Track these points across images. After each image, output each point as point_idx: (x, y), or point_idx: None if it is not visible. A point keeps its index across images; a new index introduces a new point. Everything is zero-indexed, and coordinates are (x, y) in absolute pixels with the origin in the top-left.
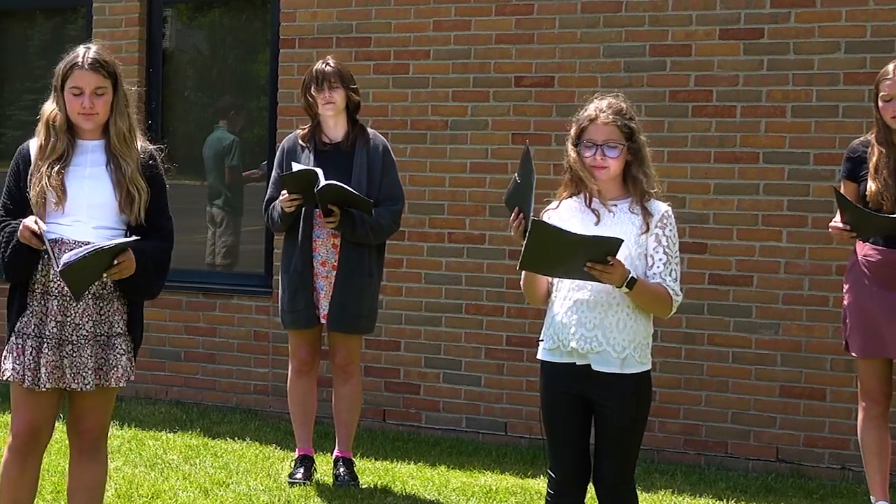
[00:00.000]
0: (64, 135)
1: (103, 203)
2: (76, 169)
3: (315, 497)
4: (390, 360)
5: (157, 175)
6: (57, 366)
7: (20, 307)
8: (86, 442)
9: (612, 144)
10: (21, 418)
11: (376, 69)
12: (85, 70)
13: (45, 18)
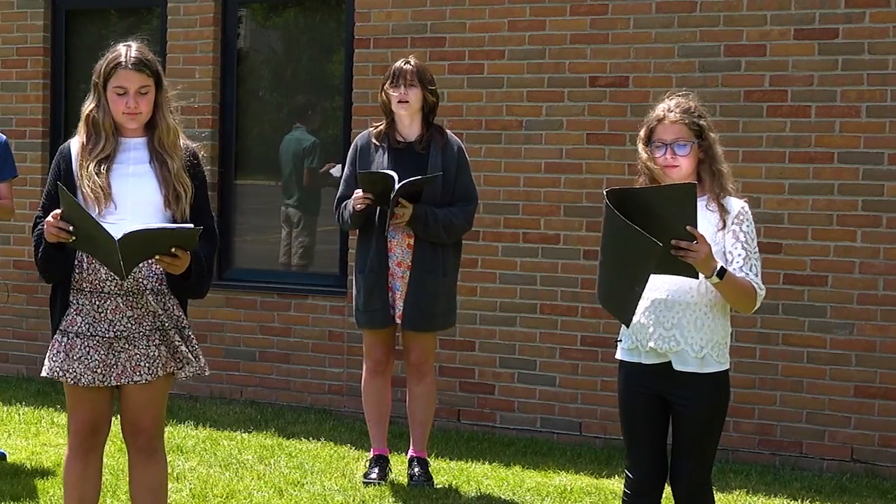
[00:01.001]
0: (109, 134)
1: (149, 201)
2: (120, 167)
3: (390, 497)
4: (465, 359)
5: (200, 173)
6: (112, 363)
7: (63, 306)
8: (143, 441)
9: (681, 143)
10: (79, 416)
11: (451, 69)
12: (129, 70)
13: (119, 18)
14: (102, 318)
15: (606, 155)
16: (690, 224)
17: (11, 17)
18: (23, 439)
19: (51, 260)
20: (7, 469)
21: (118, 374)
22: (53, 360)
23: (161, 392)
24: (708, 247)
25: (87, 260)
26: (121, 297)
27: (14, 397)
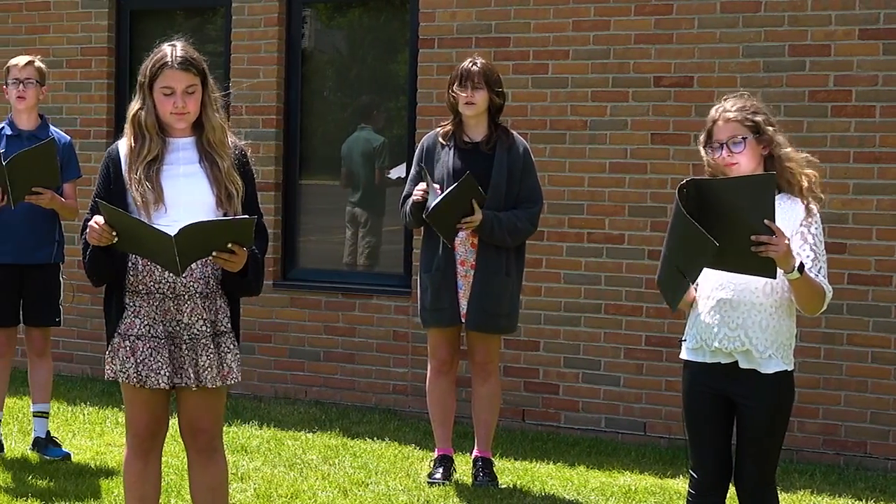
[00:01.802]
0: (156, 135)
1: (201, 201)
2: (169, 168)
3: (454, 497)
4: (529, 359)
5: (249, 171)
6: (169, 364)
7: (119, 309)
8: (201, 443)
9: (736, 140)
10: (138, 418)
11: (515, 69)
12: (175, 69)
13: (184, 18)
14: (159, 319)
15: (671, 155)
16: (769, 217)
17: (76, 17)
18: (87, 439)
19: (97, 262)
20: (71, 469)
21: (172, 376)
22: (116, 363)
23: (218, 394)
24: (787, 240)
25: (142, 262)
26: (173, 300)
27: (78, 397)
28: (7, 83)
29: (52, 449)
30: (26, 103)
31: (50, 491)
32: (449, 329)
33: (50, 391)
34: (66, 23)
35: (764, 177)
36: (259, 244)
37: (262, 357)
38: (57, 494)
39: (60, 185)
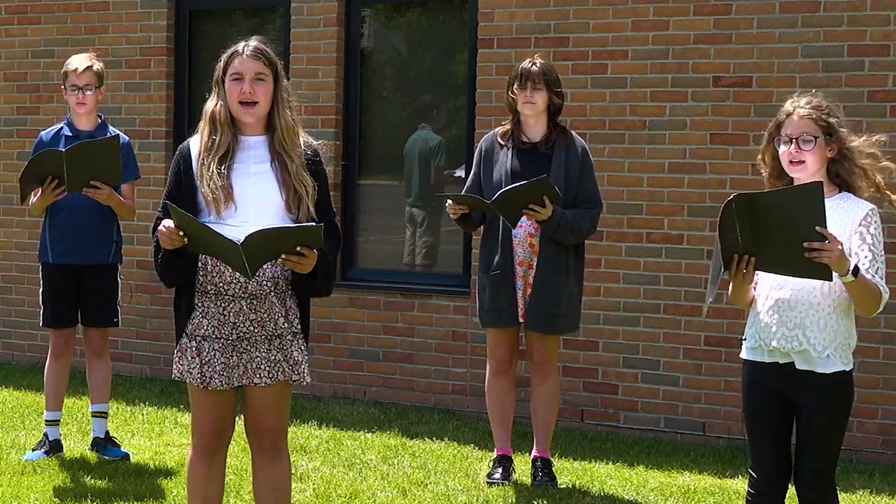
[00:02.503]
0: (228, 129)
1: (270, 201)
2: (240, 167)
3: (513, 497)
4: (588, 359)
5: (322, 171)
6: (235, 365)
7: (188, 309)
8: (267, 442)
9: (807, 138)
10: (203, 418)
11: (574, 69)
12: (245, 56)
13: (243, 18)
14: (226, 320)
15: (730, 155)
16: (819, 224)
17: (135, 17)
18: (146, 439)
19: (169, 264)
20: (130, 469)
21: (240, 376)
22: (182, 363)
23: (283, 394)
24: (840, 245)
25: (212, 262)
26: (244, 300)
27: (138, 397)
28: (65, 87)
29: (111, 449)
30: (86, 108)
31: (109, 491)
32: (507, 329)
33: (108, 391)
34: (124, 23)
35: (810, 185)
36: (330, 244)
37: (321, 357)
38: (116, 495)
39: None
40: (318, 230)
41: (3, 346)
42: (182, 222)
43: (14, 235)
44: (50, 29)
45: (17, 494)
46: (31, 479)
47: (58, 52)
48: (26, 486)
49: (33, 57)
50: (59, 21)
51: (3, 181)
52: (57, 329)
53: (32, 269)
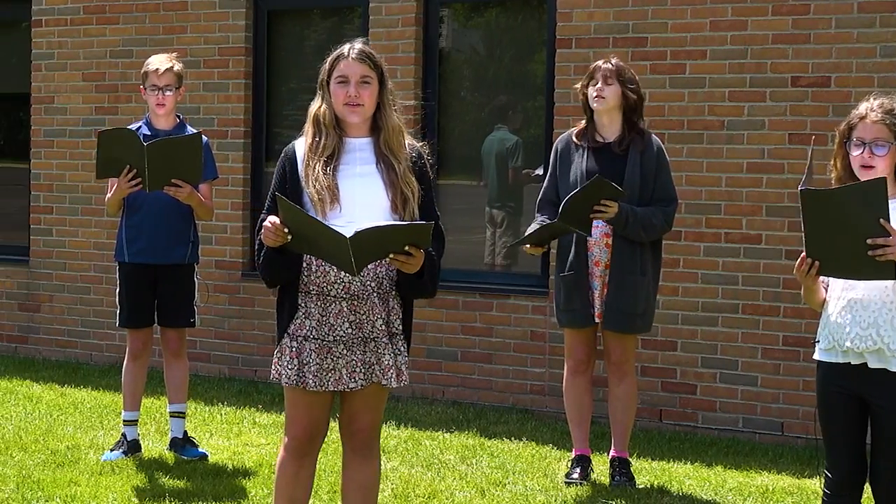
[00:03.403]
0: (333, 130)
1: (376, 203)
2: (346, 168)
3: (591, 497)
4: (666, 359)
5: (426, 173)
6: (331, 368)
7: (291, 309)
8: (359, 441)
9: (880, 143)
10: (297, 420)
11: (653, 69)
12: (350, 59)
13: (321, 18)
14: (326, 321)
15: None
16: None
17: (213, 17)
18: (224, 439)
19: (271, 262)
20: (209, 469)
21: (336, 381)
22: (281, 364)
23: (378, 394)
24: None
25: (316, 262)
26: (345, 301)
27: (216, 397)
28: (145, 87)
29: (189, 449)
30: (166, 109)
31: (187, 491)
32: (584, 329)
33: (186, 391)
34: (203, 23)
35: (874, 181)
36: (436, 245)
37: None
38: (194, 495)
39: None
40: (427, 228)
41: (82, 347)
42: (290, 216)
43: (92, 235)
44: (128, 29)
45: (95, 494)
46: (109, 479)
47: (136, 52)
48: (104, 487)
49: (111, 57)
50: (138, 21)
51: (82, 181)
52: (134, 329)
53: (110, 269)
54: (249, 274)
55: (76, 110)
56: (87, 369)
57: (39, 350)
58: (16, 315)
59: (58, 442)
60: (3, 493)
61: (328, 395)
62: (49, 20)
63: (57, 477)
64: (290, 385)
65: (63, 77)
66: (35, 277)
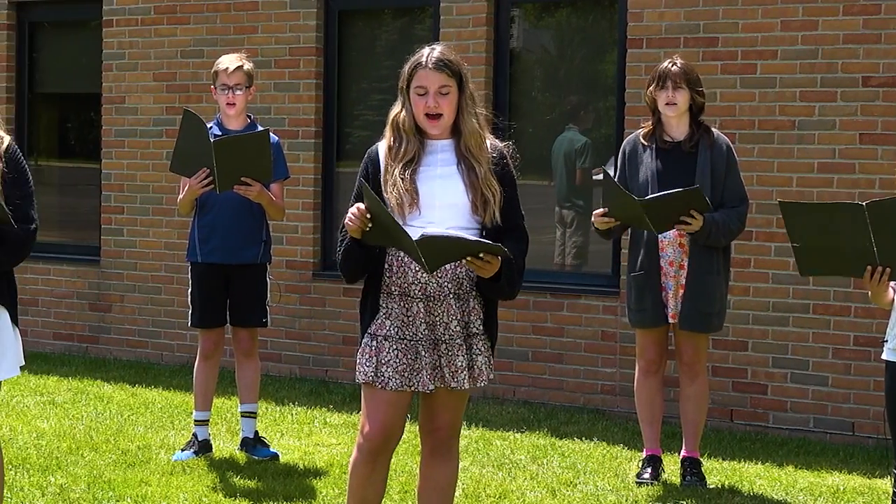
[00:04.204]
0: (413, 136)
1: (456, 203)
2: (426, 169)
3: (662, 497)
4: (738, 359)
5: (509, 173)
6: (417, 368)
7: (373, 309)
8: (438, 441)
9: None
10: (374, 420)
11: (723, 69)
12: (428, 69)
13: (392, 18)
14: (410, 321)
15: (879, 155)
16: None
17: (284, 17)
18: (295, 439)
19: (350, 254)
20: (280, 469)
21: (415, 381)
22: (361, 363)
23: (459, 395)
24: None
25: (397, 263)
26: (422, 302)
27: (287, 397)
28: (216, 87)
29: (260, 449)
30: (236, 109)
31: (258, 491)
32: (656, 329)
33: (258, 391)
34: (274, 23)
35: None
36: (518, 247)
37: None
38: (265, 495)
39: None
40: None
41: (153, 347)
42: (373, 207)
43: (163, 235)
44: (199, 29)
45: (166, 494)
46: (180, 478)
47: (207, 52)
48: (175, 486)
49: (182, 57)
50: (209, 21)
51: (153, 181)
52: (206, 329)
53: (181, 270)
54: (320, 274)
55: (147, 110)
56: (158, 369)
57: (110, 350)
58: (87, 315)
59: (129, 442)
60: (75, 492)
61: (406, 396)
62: (120, 20)
63: (128, 477)
64: (367, 382)
65: (134, 77)
66: (106, 277)
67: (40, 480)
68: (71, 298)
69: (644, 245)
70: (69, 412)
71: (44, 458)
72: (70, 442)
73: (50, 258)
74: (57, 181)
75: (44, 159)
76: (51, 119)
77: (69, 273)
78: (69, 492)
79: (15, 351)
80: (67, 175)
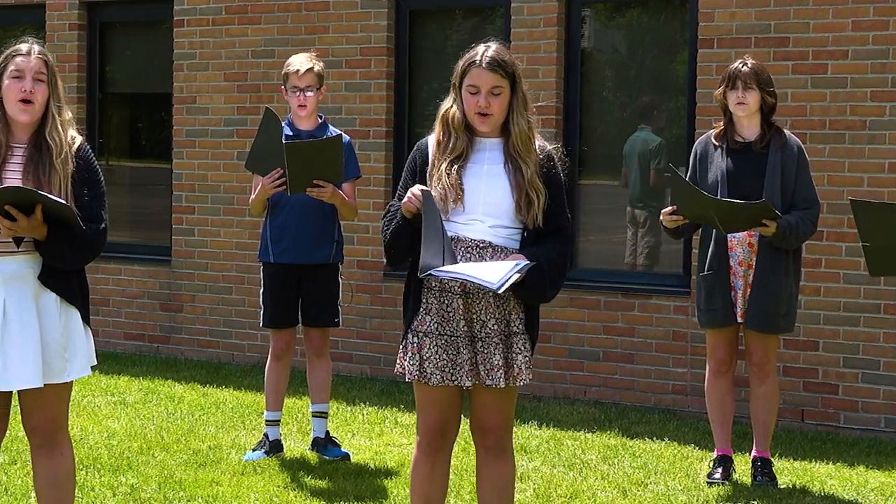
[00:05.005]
0: (462, 133)
1: (500, 202)
2: (474, 167)
3: (733, 497)
4: (808, 359)
5: (556, 176)
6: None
7: (415, 305)
8: (490, 441)
9: None
10: (427, 417)
11: (794, 69)
12: (482, 69)
13: (463, 18)
14: (449, 317)
15: None
16: None
17: (355, 17)
18: (366, 439)
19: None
20: (351, 469)
21: (466, 374)
22: (405, 359)
23: (509, 393)
24: None
25: None
26: (461, 298)
27: (358, 397)
28: (286, 88)
29: (331, 449)
30: (307, 110)
31: (329, 491)
32: (726, 329)
33: (329, 391)
34: (344, 23)
35: None
36: (559, 249)
37: (541, 357)
38: (336, 494)
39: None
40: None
41: (224, 347)
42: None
43: (234, 235)
44: (270, 29)
45: (237, 494)
46: (251, 479)
47: (277, 52)
48: (246, 486)
49: (253, 57)
50: (280, 21)
51: (224, 181)
52: (278, 329)
53: (252, 270)
54: (391, 274)
55: (218, 110)
56: (229, 369)
57: (181, 350)
58: (158, 315)
59: (200, 442)
60: (146, 492)
61: (455, 390)
62: (191, 20)
63: (199, 477)
64: (414, 380)
65: (205, 77)
66: (177, 277)
67: (111, 480)
68: (142, 298)
69: (713, 245)
70: (140, 412)
71: (115, 458)
72: (141, 442)
73: (121, 258)
74: (128, 181)
75: (115, 159)
76: (122, 119)
77: (140, 273)
78: (140, 492)
79: (86, 351)
80: (138, 175)
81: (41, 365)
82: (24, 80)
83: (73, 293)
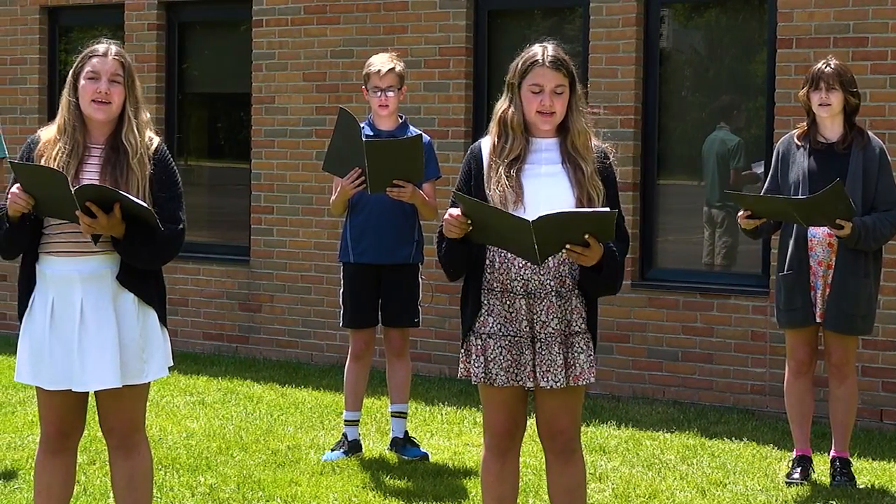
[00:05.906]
0: (521, 134)
1: (561, 202)
2: (531, 167)
3: (812, 497)
4: (887, 360)
5: (611, 174)
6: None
7: (475, 306)
8: (559, 444)
9: None
10: (493, 417)
11: (873, 69)
12: (546, 67)
13: (542, 18)
14: (512, 317)
15: None
16: None
17: (433, 17)
18: (445, 439)
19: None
20: (430, 469)
21: (528, 375)
22: (469, 361)
23: (576, 394)
24: None
25: (500, 259)
26: (523, 299)
27: (436, 397)
28: (367, 88)
29: (410, 449)
30: (388, 110)
31: (408, 491)
32: (805, 329)
33: (408, 391)
34: (423, 23)
35: None
36: (618, 245)
37: (620, 357)
38: (415, 495)
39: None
40: (611, 217)
41: (302, 347)
42: (470, 209)
43: (313, 235)
44: (349, 29)
45: (315, 494)
46: (329, 478)
47: (356, 52)
48: (325, 486)
49: (332, 57)
50: (359, 21)
51: (303, 181)
52: (357, 330)
53: (332, 270)
54: None
55: (296, 110)
56: (308, 369)
57: (260, 350)
58: (237, 315)
59: (278, 442)
60: (224, 492)
61: (520, 390)
62: (270, 20)
63: (277, 477)
64: (480, 382)
65: (283, 77)
66: (256, 277)
67: (190, 480)
68: (221, 298)
69: (793, 245)
70: (219, 412)
71: (193, 458)
72: (220, 442)
73: (200, 258)
74: (207, 181)
75: (194, 159)
76: (200, 119)
77: (219, 273)
78: (219, 492)
79: (163, 351)
80: (217, 175)
81: (119, 366)
82: (99, 81)
83: (151, 294)
